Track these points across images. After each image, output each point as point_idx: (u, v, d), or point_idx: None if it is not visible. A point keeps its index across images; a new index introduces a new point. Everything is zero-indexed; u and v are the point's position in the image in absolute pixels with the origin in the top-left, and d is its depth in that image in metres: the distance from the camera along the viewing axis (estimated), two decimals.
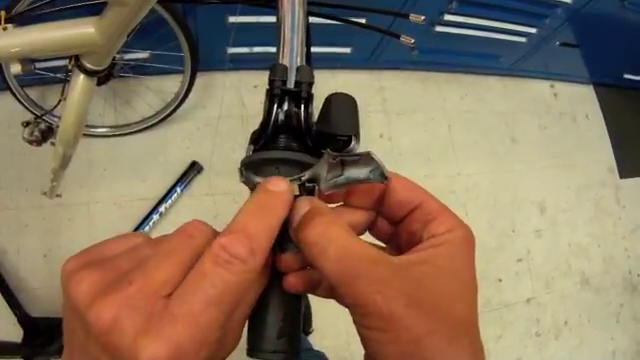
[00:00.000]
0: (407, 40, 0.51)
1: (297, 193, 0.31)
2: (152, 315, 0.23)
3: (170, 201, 1.70)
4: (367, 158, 0.30)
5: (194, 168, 1.76)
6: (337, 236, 0.27)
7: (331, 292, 0.32)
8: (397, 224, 0.33)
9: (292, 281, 0.31)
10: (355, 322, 0.27)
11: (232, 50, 1.72)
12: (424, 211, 0.30)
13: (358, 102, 0.36)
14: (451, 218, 0.30)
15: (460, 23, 1.85)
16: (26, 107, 1.53)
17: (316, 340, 1.56)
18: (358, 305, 0.25)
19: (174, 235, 0.27)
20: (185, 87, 1.61)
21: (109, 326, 0.22)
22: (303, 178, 0.31)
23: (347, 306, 0.27)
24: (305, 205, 0.29)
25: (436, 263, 0.27)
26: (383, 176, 0.30)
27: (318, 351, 1.10)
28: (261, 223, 0.27)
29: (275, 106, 0.36)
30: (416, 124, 2.16)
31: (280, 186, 0.29)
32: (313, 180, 0.31)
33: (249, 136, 0.38)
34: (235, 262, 0.24)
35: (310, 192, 0.32)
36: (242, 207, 0.28)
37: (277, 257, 0.31)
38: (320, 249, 0.27)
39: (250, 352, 0.30)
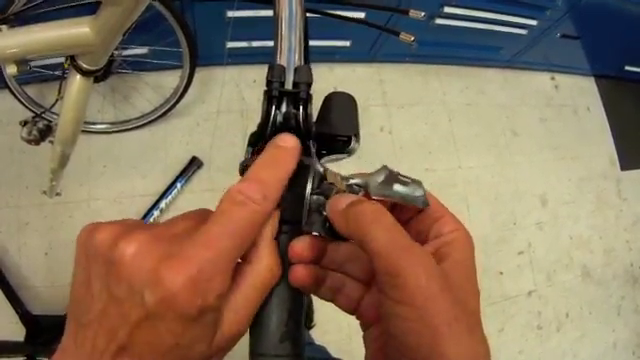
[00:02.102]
0: (407, 38, 0.50)
1: (343, 189, 0.32)
2: (174, 243, 0.25)
3: (170, 197, 1.70)
4: (417, 184, 0.31)
5: (194, 164, 1.76)
6: (388, 215, 0.29)
7: (333, 293, 0.33)
8: (405, 223, 0.33)
9: (300, 273, 0.31)
10: (386, 296, 0.26)
11: (231, 45, 1.71)
12: (430, 211, 0.32)
13: (358, 96, 0.36)
14: (453, 219, 0.31)
15: (460, 15, 1.84)
16: (25, 105, 1.53)
17: (317, 335, 1.56)
18: (400, 275, 0.25)
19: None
20: (184, 82, 1.60)
21: (133, 255, 0.24)
22: (352, 180, 0.32)
23: (384, 277, 0.27)
24: (354, 196, 0.31)
25: (454, 258, 0.29)
26: (426, 203, 0.31)
27: (320, 346, 1.11)
28: (272, 174, 0.30)
29: (273, 108, 0.36)
30: (416, 117, 2.15)
31: (289, 142, 0.32)
32: (360, 186, 0.32)
33: (247, 138, 0.37)
34: (249, 203, 0.27)
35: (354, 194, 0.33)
36: (255, 161, 0.31)
37: (289, 246, 0.31)
38: (374, 219, 0.28)
39: (252, 357, 0.30)
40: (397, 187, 0.31)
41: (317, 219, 0.32)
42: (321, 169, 0.33)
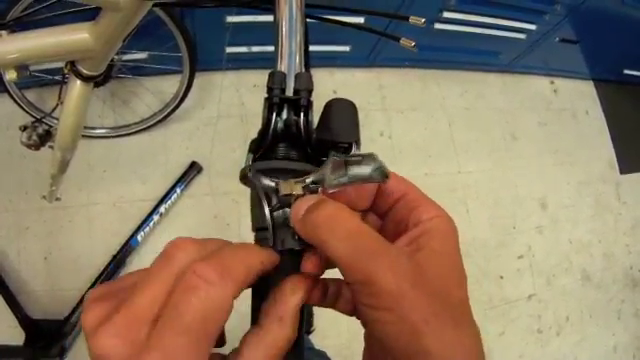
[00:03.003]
0: (408, 43, 0.50)
1: (301, 193, 0.31)
2: (135, 345, 0.23)
3: (170, 202, 1.69)
4: (370, 158, 0.30)
5: (194, 168, 1.75)
6: (345, 217, 0.28)
7: (334, 299, 0.32)
8: (384, 216, 0.33)
9: (315, 294, 0.31)
10: (361, 304, 0.26)
11: (230, 49, 1.71)
12: (407, 199, 0.31)
13: (358, 100, 0.36)
14: (433, 205, 0.30)
15: (459, 20, 1.85)
16: (25, 110, 1.53)
17: (317, 339, 1.55)
18: (368, 282, 0.25)
19: (156, 259, 0.26)
20: (184, 87, 1.61)
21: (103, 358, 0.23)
22: (307, 180, 0.31)
23: (353, 285, 0.26)
24: (311, 199, 0.29)
25: (432, 248, 0.28)
26: (384, 175, 0.30)
27: (319, 350, 1.10)
28: (239, 258, 0.26)
29: (274, 115, 0.36)
30: (416, 122, 2.16)
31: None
32: (317, 182, 0.31)
33: (248, 144, 0.37)
34: (202, 286, 0.23)
35: (314, 194, 0.32)
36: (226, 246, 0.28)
37: (301, 267, 0.31)
38: (329, 228, 0.27)
39: None
40: (350, 170, 0.30)
41: (286, 233, 0.31)
42: (272, 183, 0.32)
